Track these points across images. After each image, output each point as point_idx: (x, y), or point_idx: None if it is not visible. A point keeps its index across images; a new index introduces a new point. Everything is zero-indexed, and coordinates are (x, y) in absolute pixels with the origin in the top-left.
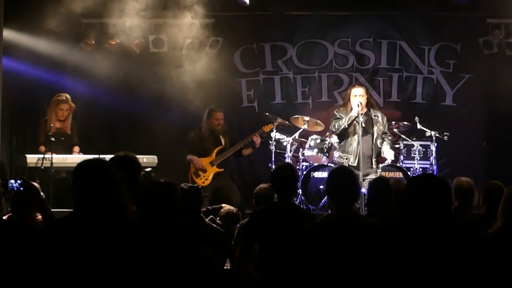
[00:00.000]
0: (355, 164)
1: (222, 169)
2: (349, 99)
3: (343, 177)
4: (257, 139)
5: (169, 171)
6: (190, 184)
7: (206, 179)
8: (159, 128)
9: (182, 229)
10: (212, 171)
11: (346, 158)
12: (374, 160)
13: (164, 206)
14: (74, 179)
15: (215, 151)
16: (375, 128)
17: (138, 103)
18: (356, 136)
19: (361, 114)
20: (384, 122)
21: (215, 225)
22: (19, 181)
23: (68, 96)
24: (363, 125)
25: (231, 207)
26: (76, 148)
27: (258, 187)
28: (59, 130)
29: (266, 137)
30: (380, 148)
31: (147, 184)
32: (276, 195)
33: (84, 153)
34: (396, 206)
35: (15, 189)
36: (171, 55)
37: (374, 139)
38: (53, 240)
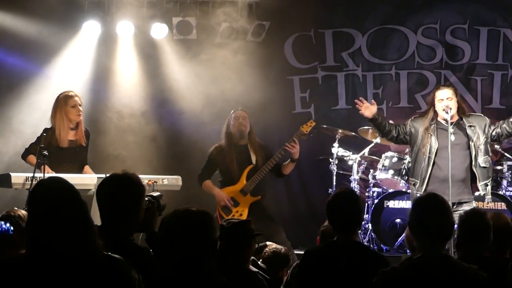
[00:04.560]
0: (422, 191)
1: (259, 197)
2: (433, 105)
3: (433, 207)
4: (293, 148)
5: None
6: (233, 219)
7: (241, 215)
8: (182, 144)
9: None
10: (246, 202)
11: (414, 184)
12: (481, 184)
13: (195, 244)
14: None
15: (245, 173)
16: (472, 144)
17: (151, 104)
18: (426, 157)
19: (451, 124)
20: (486, 130)
21: (258, 270)
22: (7, 224)
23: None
24: (453, 139)
25: (278, 246)
26: (88, 169)
27: (325, 223)
28: (72, 143)
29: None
30: (486, 168)
31: (171, 214)
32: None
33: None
34: (497, 248)
35: (2, 231)
36: (201, 43)
37: (472, 157)
38: None
